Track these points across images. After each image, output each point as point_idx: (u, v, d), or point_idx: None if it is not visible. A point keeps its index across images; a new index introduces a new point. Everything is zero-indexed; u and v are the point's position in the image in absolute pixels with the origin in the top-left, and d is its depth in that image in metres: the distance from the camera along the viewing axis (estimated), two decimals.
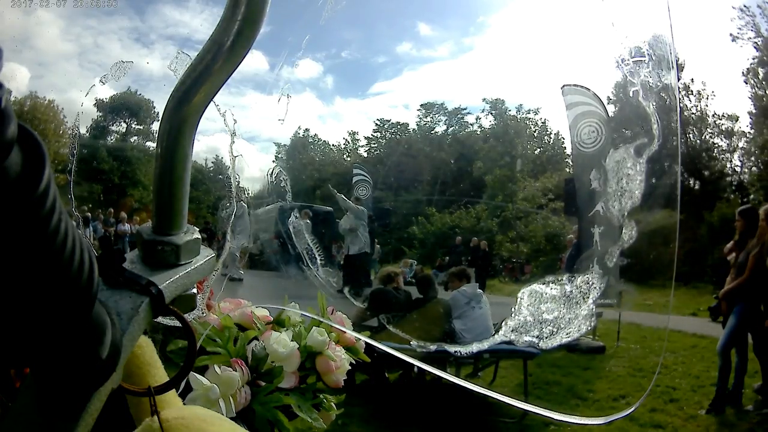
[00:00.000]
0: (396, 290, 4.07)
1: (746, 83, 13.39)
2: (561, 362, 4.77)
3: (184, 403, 0.55)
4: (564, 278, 1.06)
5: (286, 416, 0.75)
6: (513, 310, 1.12)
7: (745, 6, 13.26)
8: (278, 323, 0.88)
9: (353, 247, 6.68)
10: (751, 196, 12.79)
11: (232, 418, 0.63)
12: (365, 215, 6.96)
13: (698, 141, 14.15)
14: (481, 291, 4.08)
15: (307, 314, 0.88)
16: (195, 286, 0.50)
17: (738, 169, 14.09)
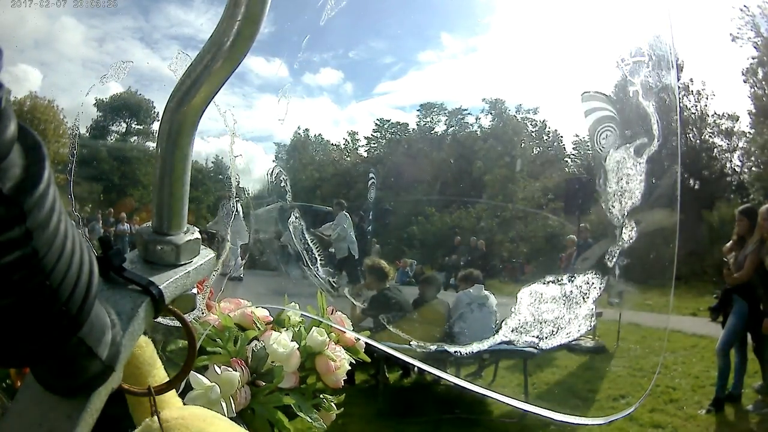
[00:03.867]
0: (389, 290, 4.05)
1: (746, 83, 13.40)
2: (561, 362, 4.77)
3: (184, 403, 0.55)
4: (564, 278, 1.06)
5: (286, 416, 0.75)
6: (513, 310, 1.12)
7: (745, 6, 13.25)
8: (278, 323, 0.88)
9: (339, 253, 6.79)
10: (751, 196, 12.79)
11: (232, 418, 0.63)
12: (343, 222, 7.05)
13: (698, 141, 14.14)
14: (488, 294, 4.04)
15: (307, 314, 0.88)
16: (195, 286, 0.50)
17: (738, 169, 14.09)
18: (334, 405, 0.84)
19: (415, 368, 3.96)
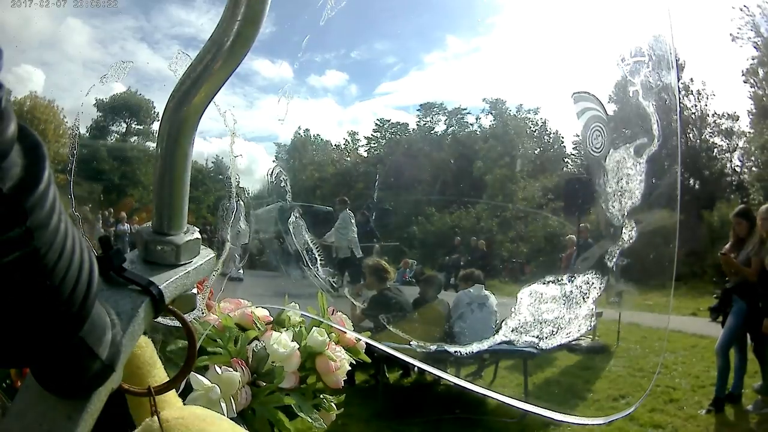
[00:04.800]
0: (389, 290, 4.05)
1: (746, 83, 13.39)
2: (561, 362, 4.77)
3: (184, 403, 0.55)
4: (564, 278, 1.07)
5: (286, 416, 0.75)
6: (513, 310, 1.12)
7: (745, 6, 13.24)
8: (278, 323, 0.88)
9: (341, 253, 6.65)
10: (751, 196, 12.78)
11: (232, 419, 0.63)
12: (349, 221, 6.91)
13: (698, 141, 14.15)
14: (488, 294, 4.03)
15: (307, 314, 0.88)
16: (195, 286, 0.50)
17: (738, 169, 14.09)
18: (334, 405, 0.84)
19: (415, 368, 3.96)
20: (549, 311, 1.05)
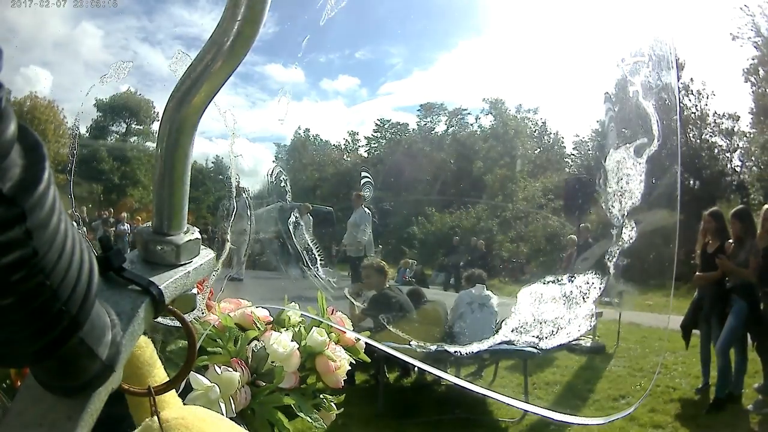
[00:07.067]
0: (389, 289, 4.05)
1: (746, 82, 13.39)
2: (561, 362, 4.77)
3: (184, 403, 0.55)
4: (564, 278, 1.07)
5: (286, 416, 0.75)
6: (513, 310, 1.12)
7: (745, 6, 13.24)
8: (278, 323, 0.88)
9: (351, 248, 6.35)
10: (752, 196, 12.78)
11: (232, 419, 0.64)
12: (369, 218, 6.59)
13: (698, 141, 14.14)
14: (489, 294, 4.02)
15: (307, 314, 0.88)
16: (195, 286, 0.50)
17: (738, 169, 14.08)
18: (334, 405, 0.84)
19: (415, 368, 3.96)
20: (549, 311, 1.05)
